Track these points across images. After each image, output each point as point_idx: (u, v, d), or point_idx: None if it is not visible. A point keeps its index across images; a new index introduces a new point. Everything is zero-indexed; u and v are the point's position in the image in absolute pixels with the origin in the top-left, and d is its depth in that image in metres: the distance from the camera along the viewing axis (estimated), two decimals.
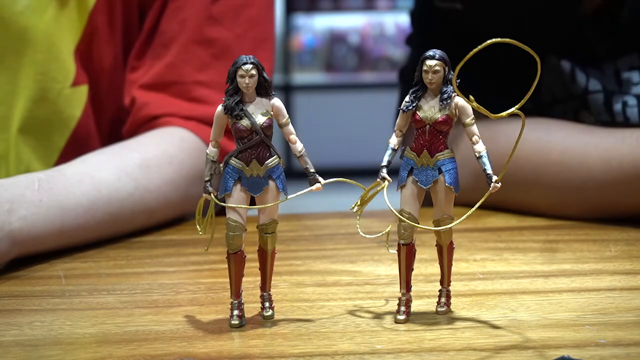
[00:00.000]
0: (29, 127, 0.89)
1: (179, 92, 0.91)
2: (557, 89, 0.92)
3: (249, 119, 0.53)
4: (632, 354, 0.48)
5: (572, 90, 0.90)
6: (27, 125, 0.89)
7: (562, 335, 0.52)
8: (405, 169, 0.54)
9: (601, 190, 0.80)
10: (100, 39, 0.92)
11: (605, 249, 0.72)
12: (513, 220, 0.85)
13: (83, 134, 0.92)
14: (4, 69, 0.88)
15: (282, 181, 0.55)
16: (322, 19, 4.50)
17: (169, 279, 0.67)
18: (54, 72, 0.89)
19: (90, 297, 0.63)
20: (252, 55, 0.53)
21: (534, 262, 0.69)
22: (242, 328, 0.55)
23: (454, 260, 0.57)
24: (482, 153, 0.52)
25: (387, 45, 4.49)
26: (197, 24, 0.92)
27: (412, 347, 0.50)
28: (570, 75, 0.90)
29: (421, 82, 0.53)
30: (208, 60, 0.92)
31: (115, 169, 0.81)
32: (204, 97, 0.91)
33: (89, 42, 0.91)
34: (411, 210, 0.54)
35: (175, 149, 0.87)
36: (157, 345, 0.52)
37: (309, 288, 0.64)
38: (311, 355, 0.50)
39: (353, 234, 0.80)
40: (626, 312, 0.56)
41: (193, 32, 0.92)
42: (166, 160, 0.85)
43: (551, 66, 0.91)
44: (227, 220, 0.54)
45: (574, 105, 0.90)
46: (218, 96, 0.88)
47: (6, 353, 0.51)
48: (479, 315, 0.56)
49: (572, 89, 0.90)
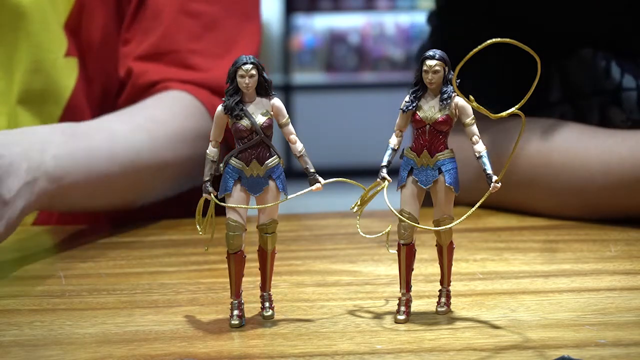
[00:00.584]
0: (26, 98, 0.92)
1: (174, 60, 0.96)
2: (586, 83, 0.91)
3: (249, 119, 0.53)
4: (632, 354, 0.48)
5: (604, 85, 0.89)
6: (25, 97, 0.92)
7: (562, 335, 0.52)
8: (405, 169, 0.54)
9: (601, 192, 0.80)
10: (90, 13, 0.95)
11: (605, 249, 0.72)
12: (513, 220, 0.85)
13: (78, 104, 0.95)
14: (1, 45, 0.91)
15: (282, 181, 0.55)
16: (322, 19, 4.50)
17: (169, 279, 0.67)
18: (47, 43, 0.92)
19: (90, 297, 0.63)
20: (252, 55, 0.53)
21: (534, 262, 0.69)
22: (242, 328, 0.55)
23: (454, 260, 0.57)
24: (482, 153, 0.52)
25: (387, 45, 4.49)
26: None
27: (412, 347, 0.50)
28: (604, 70, 0.89)
29: (421, 82, 0.53)
30: (199, 31, 0.97)
31: (128, 123, 0.86)
32: (198, 65, 0.96)
33: (79, 16, 0.94)
34: (411, 210, 0.54)
35: (178, 107, 0.92)
36: (157, 345, 0.52)
37: (309, 288, 0.64)
38: (311, 355, 0.50)
39: (353, 234, 0.80)
40: (626, 312, 0.56)
41: (180, 5, 0.96)
42: (171, 117, 0.90)
43: (583, 59, 0.90)
44: (227, 220, 0.54)
45: (603, 100, 0.89)
46: (212, 64, 0.95)
47: (6, 353, 0.51)
48: (479, 315, 0.56)
49: (604, 84, 0.89)
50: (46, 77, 0.92)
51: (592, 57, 0.89)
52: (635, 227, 0.79)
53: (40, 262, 0.74)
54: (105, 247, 0.79)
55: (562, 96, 0.91)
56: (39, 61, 0.91)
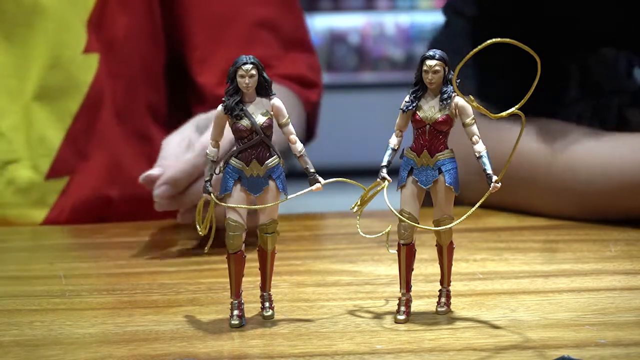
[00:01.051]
0: (43, 94, 0.92)
1: None
2: (606, 82, 0.90)
3: (249, 119, 0.53)
4: (632, 354, 0.48)
5: (625, 85, 0.89)
6: (41, 93, 0.92)
7: (562, 335, 0.51)
8: (405, 169, 0.54)
9: (602, 195, 0.80)
10: (113, 10, 0.95)
11: (605, 249, 0.72)
12: (513, 220, 0.85)
13: (95, 99, 0.95)
14: (14, 43, 0.92)
15: (282, 181, 0.55)
16: (322, 19, 4.50)
17: (169, 279, 0.67)
18: (65, 40, 0.92)
19: (90, 297, 0.63)
20: (252, 55, 0.53)
21: (534, 262, 0.69)
22: (242, 328, 0.55)
23: (454, 260, 0.57)
24: (482, 153, 0.52)
25: (387, 45, 4.48)
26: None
27: (412, 347, 0.50)
28: (626, 70, 0.88)
29: (421, 82, 0.53)
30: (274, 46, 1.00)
31: None
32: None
33: (102, 12, 0.94)
34: (411, 210, 0.54)
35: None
36: (157, 345, 0.52)
37: (309, 288, 0.64)
38: (311, 355, 0.50)
39: (353, 234, 0.80)
40: (626, 312, 0.56)
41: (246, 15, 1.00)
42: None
43: (605, 58, 0.90)
44: (227, 220, 0.54)
45: (622, 100, 0.89)
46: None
47: (6, 353, 0.51)
48: (479, 315, 0.56)
49: (625, 84, 0.89)
50: (64, 74, 0.93)
51: (614, 56, 0.89)
52: (635, 227, 0.79)
53: (40, 262, 0.74)
54: (105, 247, 0.79)
55: (581, 94, 0.91)
56: (56, 57, 0.92)
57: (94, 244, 0.81)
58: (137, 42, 0.98)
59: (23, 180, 0.92)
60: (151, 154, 1.00)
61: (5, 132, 0.92)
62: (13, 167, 0.92)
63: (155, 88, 1.02)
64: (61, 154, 0.93)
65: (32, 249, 0.81)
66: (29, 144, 0.92)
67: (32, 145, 0.92)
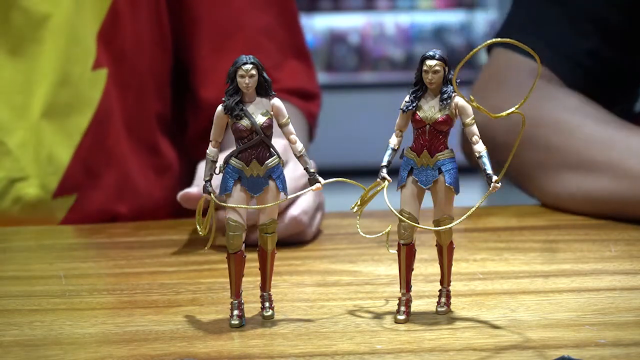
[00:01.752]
0: (52, 111, 0.91)
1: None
2: None
3: (249, 119, 0.53)
4: (632, 354, 0.48)
5: None
6: (50, 110, 0.90)
7: (562, 335, 0.52)
8: (405, 169, 0.54)
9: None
10: (124, 21, 0.94)
11: (605, 249, 0.72)
12: (513, 220, 0.86)
13: (104, 115, 0.94)
14: (21, 58, 0.90)
15: (282, 181, 0.55)
16: (322, 19, 4.50)
17: (169, 279, 0.67)
18: (75, 56, 0.91)
19: (90, 297, 0.63)
20: (252, 55, 0.53)
21: (534, 262, 0.69)
22: (242, 328, 0.55)
23: (454, 260, 0.57)
24: (482, 153, 0.52)
25: (387, 45, 4.48)
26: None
27: (412, 347, 0.50)
28: None
29: (421, 82, 0.53)
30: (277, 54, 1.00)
31: None
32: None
33: (113, 25, 0.93)
34: (411, 210, 0.54)
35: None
36: (157, 345, 0.52)
37: (309, 288, 0.64)
38: (311, 355, 0.50)
39: (353, 234, 0.80)
40: (626, 312, 0.56)
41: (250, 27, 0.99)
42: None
43: None
44: (227, 220, 0.54)
45: None
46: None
47: (6, 353, 0.51)
48: (479, 315, 0.56)
49: None
50: (73, 90, 0.91)
51: None
52: (635, 227, 0.79)
53: (40, 262, 0.74)
54: (105, 247, 0.79)
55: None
56: (66, 74, 0.90)
57: (94, 244, 0.81)
58: (146, 51, 0.97)
59: (30, 198, 0.90)
60: (159, 166, 1.00)
61: (13, 149, 0.90)
62: (20, 185, 0.90)
63: (163, 97, 1.01)
64: (70, 171, 0.91)
65: (32, 249, 0.81)
66: (37, 162, 0.90)
67: (41, 163, 0.90)
